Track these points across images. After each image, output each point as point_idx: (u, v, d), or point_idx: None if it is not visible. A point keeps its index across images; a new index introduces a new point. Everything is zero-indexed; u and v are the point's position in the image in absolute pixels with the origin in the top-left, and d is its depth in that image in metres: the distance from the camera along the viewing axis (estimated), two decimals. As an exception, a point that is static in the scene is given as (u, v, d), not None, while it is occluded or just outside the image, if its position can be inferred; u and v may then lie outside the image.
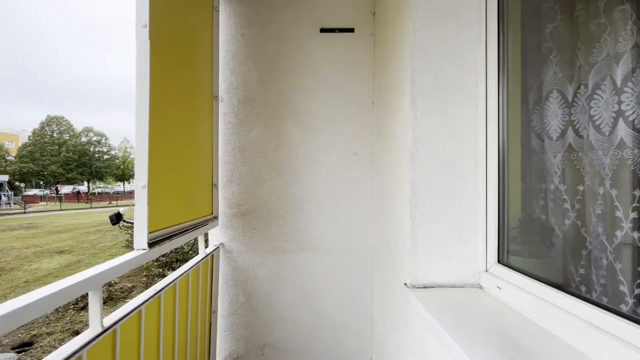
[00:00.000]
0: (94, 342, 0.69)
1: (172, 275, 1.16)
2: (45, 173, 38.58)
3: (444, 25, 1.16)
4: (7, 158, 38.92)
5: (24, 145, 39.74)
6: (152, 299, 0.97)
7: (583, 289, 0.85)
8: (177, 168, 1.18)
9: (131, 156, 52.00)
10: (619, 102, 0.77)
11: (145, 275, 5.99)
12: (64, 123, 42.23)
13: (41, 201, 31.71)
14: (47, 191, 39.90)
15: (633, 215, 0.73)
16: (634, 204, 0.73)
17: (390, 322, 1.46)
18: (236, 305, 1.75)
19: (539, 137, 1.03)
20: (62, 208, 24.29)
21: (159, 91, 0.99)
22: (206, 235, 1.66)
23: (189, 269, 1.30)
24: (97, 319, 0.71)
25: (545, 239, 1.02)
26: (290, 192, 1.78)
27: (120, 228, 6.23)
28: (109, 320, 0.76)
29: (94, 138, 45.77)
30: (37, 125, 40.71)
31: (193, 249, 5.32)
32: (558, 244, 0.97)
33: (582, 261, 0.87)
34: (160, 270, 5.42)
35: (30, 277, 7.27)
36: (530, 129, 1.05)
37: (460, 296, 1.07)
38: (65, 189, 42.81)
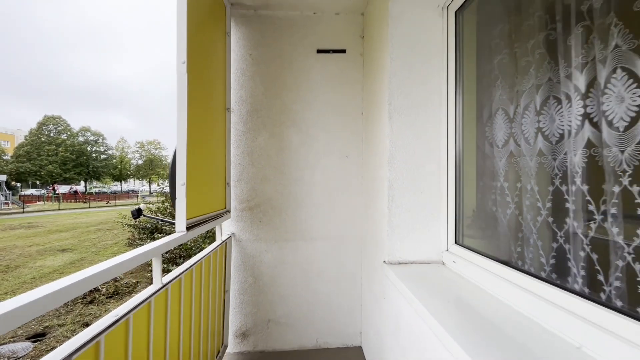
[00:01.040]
0: (157, 293, 0.98)
1: (198, 255, 1.45)
2: (42, 173, 38.49)
3: (414, 56, 1.46)
4: (4, 158, 38.76)
5: (21, 145, 39.59)
6: (187, 270, 1.26)
7: (519, 262, 1.15)
8: (202, 169, 1.47)
9: (128, 155, 51.91)
10: (538, 121, 1.07)
11: (151, 271, 6.27)
12: (61, 123, 42.12)
13: (38, 201, 31.67)
14: (43, 191, 39.78)
15: (548, 205, 1.03)
16: (549, 197, 1.03)
17: (374, 296, 1.76)
18: (245, 286, 2.04)
19: (488, 145, 1.33)
20: (60, 208, 24.34)
21: (191, 110, 1.28)
22: (220, 225, 1.94)
23: (210, 252, 1.59)
24: (158, 278, 1.00)
25: (492, 224, 1.32)
26: (292, 189, 2.08)
27: (138, 223, 6.55)
28: (165, 279, 1.05)
29: (91, 138, 45.68)
30: (34, 125, 40.58)
31: (196, 245, 5.60)
32: (502, 229, 1.27)
33: (519, 241, 1.16)
34: (165, 265, 5.70)
35: (37, 273, 7.47)
36: (481, 139, 1.35)
37: (426, 270, 1.37)
38: (62, 189, 42.71)
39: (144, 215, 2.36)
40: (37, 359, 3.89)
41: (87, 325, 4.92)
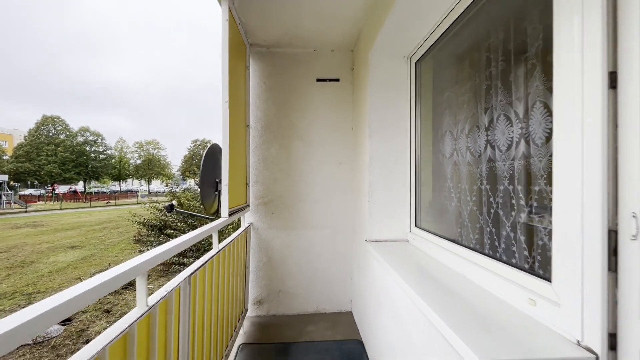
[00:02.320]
0: (215, 255, 1.53)
1: (231, 237, 2.00)
2: (41, 173, 38.66)
3: (388, 91, 2.01)
4: (3, 158, 38.87)
5: (20, 145, 39.73)
6: (226, 245, 1.81)
7: (459, 239, 1.69)
8: (233, 173, 2.02)
9: (127, 155, 52.06)
10: (466, 142, 1.61)
11: (163, 264, 6.80)
12: (59, 122, 42.26)
13: (39, 200, 31.92)
14: (42, 190, 39.96)
15: (474, 198, 1.58)
16: (473, 193, 1.58)
17: (360, 270, 2.32)
18: (261, 264, 2.60)
19: (440, 156, 1.88)
20: (62, 207, 24.67)
21: (229, 132, 1.83)
22: (244, 216, 2.49)
23: (237, 235, 2.13)
24: (216, 245, 1.55)
25: (442, 212, 1.87)
26: (298, 189, 2.63)
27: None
28: (220, 246, 1.60)
29: (90, 138, 45.83)
30: (32, 126, 40.71)
31: (207, 240, 6.14)
32: (449, 216, 1.82)
33: (459, 224, 1.71)
34: (177, 258, 6.25)
35: (52, 268, 7.93)
36: (435, 151, 1.90)
37: (395, 245, 1.93)
38: (62, 189, 42.85)
39: (177, 210, 2.90)
40: (68, 338, 4.41)
41: (108, 311, 5.45)
